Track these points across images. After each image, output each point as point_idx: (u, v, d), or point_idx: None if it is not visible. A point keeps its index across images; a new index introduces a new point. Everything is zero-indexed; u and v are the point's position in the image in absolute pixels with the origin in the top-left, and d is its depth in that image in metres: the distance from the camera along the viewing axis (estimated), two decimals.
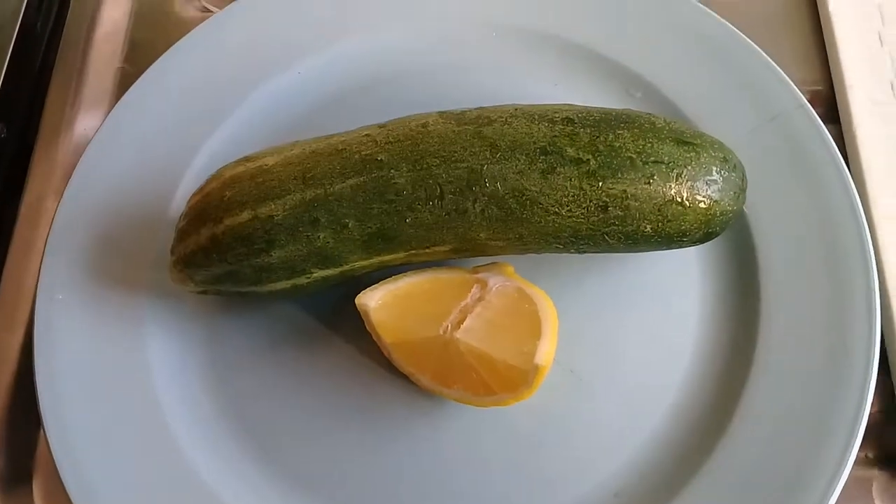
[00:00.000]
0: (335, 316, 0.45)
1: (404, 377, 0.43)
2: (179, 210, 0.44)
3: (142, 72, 0.52)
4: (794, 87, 0.48)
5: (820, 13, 0.55)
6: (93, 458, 0.42)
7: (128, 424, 0.43)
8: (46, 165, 0.53)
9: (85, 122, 0.55)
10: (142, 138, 0.50)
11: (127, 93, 0.51)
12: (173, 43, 0.52)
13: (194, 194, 0.42)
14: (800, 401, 0.41)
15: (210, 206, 0.41)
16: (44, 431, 0.42)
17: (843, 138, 0.50)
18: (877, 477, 0.43)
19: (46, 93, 0.56)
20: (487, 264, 0.44)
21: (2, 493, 0.44)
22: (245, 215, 0.40)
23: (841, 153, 0.46)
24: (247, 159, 0.42)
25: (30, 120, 0.55)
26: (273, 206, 0.40)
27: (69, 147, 0.54)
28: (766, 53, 0.49)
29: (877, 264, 0.44)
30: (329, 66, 0.52)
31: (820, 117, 0.47)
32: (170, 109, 0.51)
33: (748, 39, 0.50)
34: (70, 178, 0.48)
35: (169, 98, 0.51)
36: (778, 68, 0.48)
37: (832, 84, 0.53)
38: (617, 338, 0.45)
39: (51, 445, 0.42)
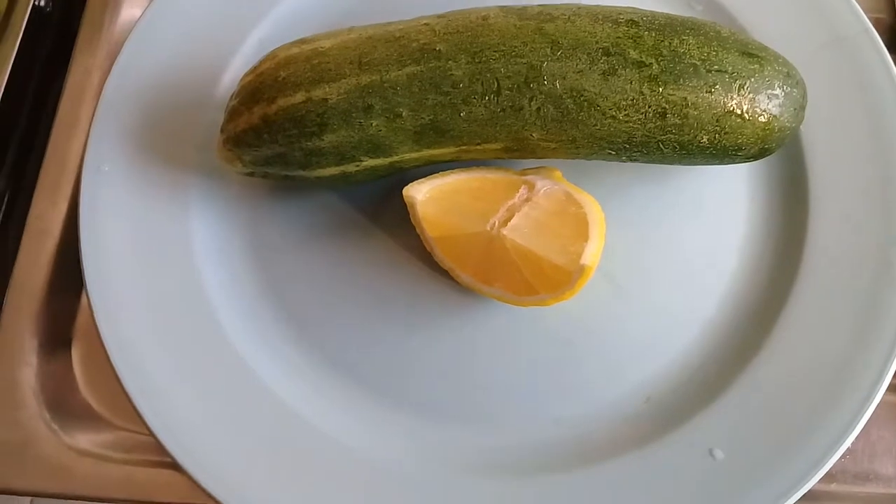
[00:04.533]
0: (379, 208, 0.45)
1: (444, 273, 0.43)
2: (227, 92, 0.44)
3: None
4: (861, 11, 0.47)
5: None
6: (134, 328, 0.42)
7: (169, 297, 0.43)
8: (93, 40, 0.52)
9: (131, 4, 0.54)
10: (190, 20, 0.49)
11: None
12: None
13: (247, 73, 0.42)
14: (839, 324, 0.41)
15: (264, 85, 0.40)
16: (87, 299, 0.43)
17: None
18: None
19: None
20: (535, 167, 0.44)
21: (43, 357, 0.45)
22: (299, 97, 0.40)
23: None
24: (302, 41, 0.42)
25: None
26: (327, 89, 0.39)
27: (116, 22, 0.53)
28: None
29: None
30: None
31: None
32: None
33: None
34: (118, 53, 0.47)
35: None
36: None
37: (895, 12, 0.52)
38: (660, 249, 0.45)
39: (95, 314, 0.42)
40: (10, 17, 0.50)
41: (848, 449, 0.39)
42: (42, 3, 0.52)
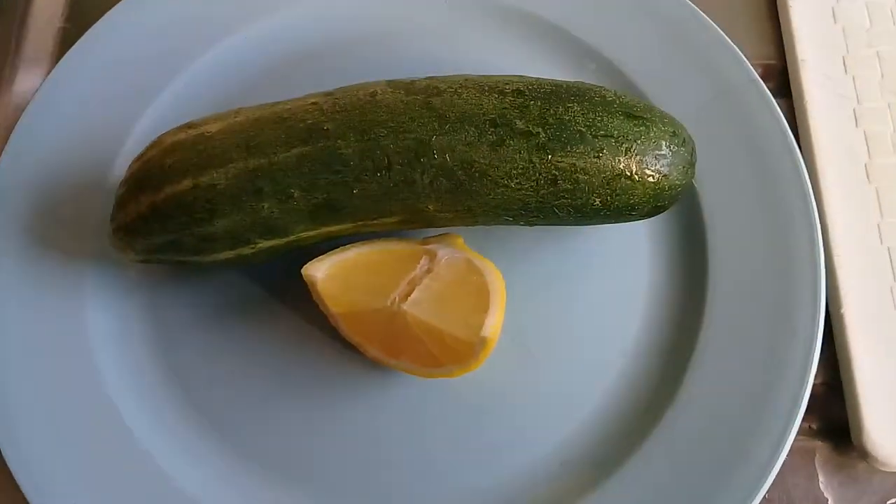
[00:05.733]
0: (282, 286, 0.45)
1: (352, 348, 0.43)
2: (120, 176, 0.43)
3: (83, 32, 0.50)
4: (747, 62, 0.48)
5: None
6: (31, 428, 0.41)
7: (67, 393, 0.42)
8: None
9: (24, 83, 0.53)
10: (82, 102, 0.48)
11: (67, 54, 0.49)
12: (116, 2, 0.51)
13: (134, 161, 0.41)
14: (745, 372, 0.42)
15: (150, 173, 0.40)
16: None
17: (794, 112, 0.51)
18: (819, 448, 0.44)
19: None
20: (437, 235, 0.44)
21: None
22: (186, 183, 0.39)
23: (791, 127, 0.46)
24: (188, 126, 0.41)
25: None
26: (215, 175, 0.39)
27: (7, 108, 0.52)
28: (720, 27, 0.49)
29: (823, 237, 0.44)
30: (276, 32, 0.51)
31: (772, 91, 0.47)
32: (112, 73, 0.49)
33: (702, 13, 0.49)
34: (7, 140, 0.46)
35: (111, 61, 0.49)
36: (731, 42, 0.48)
37: (785, 58, 0.53)
38: (565, 310, 0.45)
39: None
40: None
41: (765, 497, 0.39)
42: None
